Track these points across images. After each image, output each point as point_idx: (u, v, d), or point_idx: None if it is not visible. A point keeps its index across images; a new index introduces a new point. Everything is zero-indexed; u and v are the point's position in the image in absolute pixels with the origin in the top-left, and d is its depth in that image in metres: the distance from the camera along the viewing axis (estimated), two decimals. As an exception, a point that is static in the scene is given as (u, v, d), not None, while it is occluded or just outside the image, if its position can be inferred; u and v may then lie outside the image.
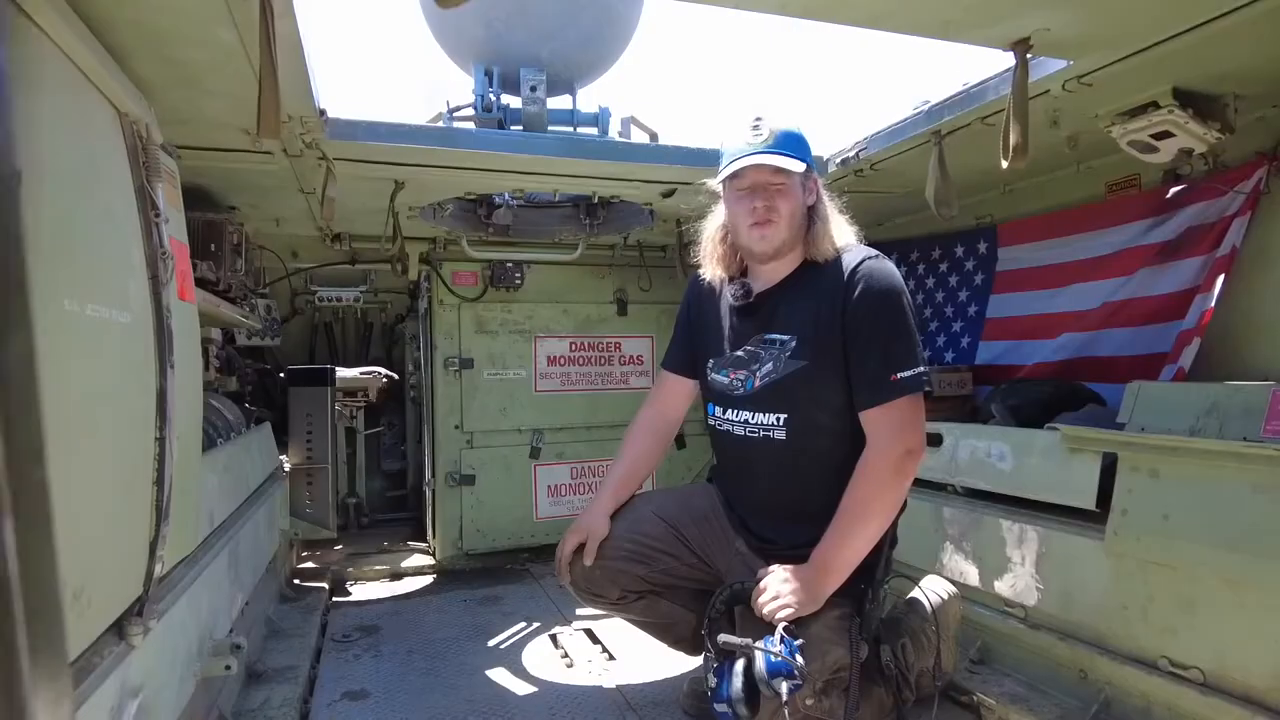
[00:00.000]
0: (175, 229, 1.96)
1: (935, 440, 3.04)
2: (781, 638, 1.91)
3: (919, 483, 3.08)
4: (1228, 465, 2.05)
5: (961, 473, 2.91)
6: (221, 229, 3.02)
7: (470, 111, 3.26)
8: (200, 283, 2.74)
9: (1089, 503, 2.41)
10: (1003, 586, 2.69)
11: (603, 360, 4.66)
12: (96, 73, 1.48)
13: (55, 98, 1.34)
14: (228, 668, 2.13)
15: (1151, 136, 2.32)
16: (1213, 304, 2.51)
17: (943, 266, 3.73)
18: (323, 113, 2.38)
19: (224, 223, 3.03)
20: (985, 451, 2.81)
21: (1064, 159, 2.93)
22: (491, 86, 3.22)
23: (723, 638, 1.93)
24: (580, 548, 2.36)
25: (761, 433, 2.21)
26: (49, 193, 1.25)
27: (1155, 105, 2.25)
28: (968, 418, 3.31)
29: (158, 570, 1.71)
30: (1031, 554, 2.59)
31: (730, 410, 2.27)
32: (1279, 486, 1.93)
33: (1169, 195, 2.69)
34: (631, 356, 4.69)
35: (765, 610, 1.99)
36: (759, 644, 1.91)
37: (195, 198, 3.17)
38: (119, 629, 1.58)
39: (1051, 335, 3.14)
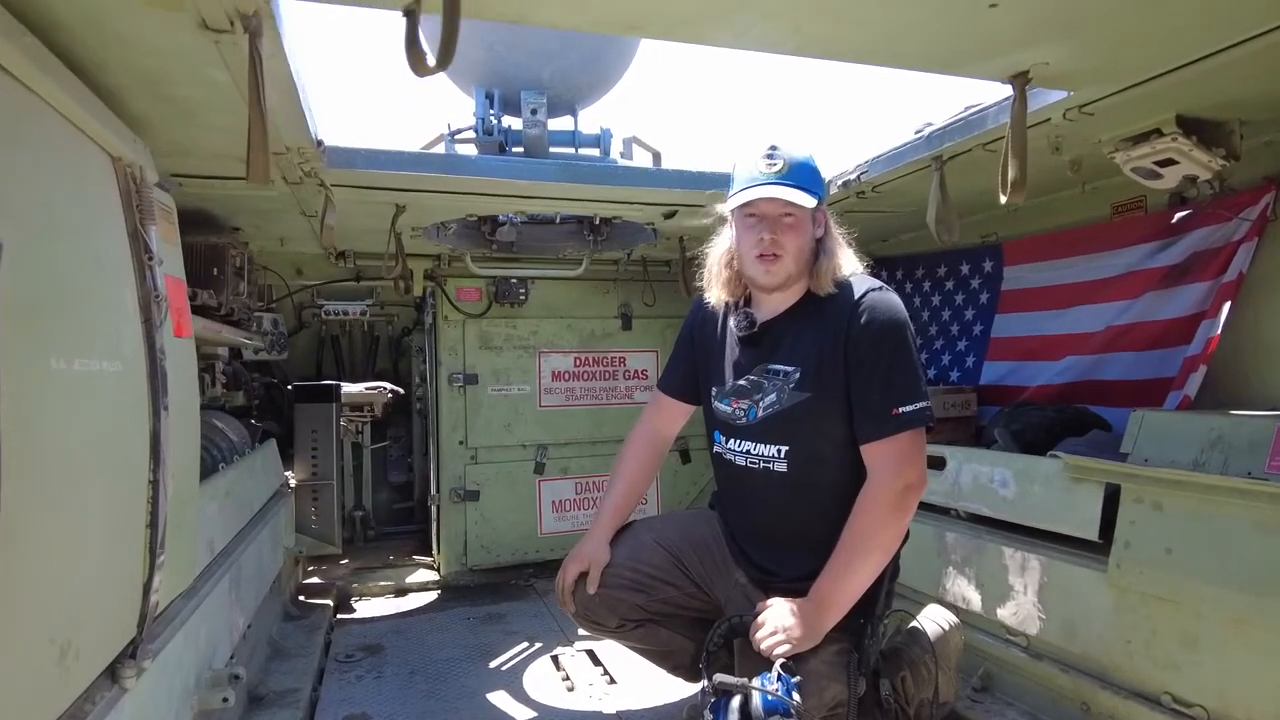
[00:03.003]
0: (171, 266, 1.97)
1: (938, 464, 3.02)
2: (778, 675, 1.89)
3: (922, 506, 3.06)
4: (1232, 501, 2.02)
5: (964, 498, 2.89)
6: (224, 252, 3.04)
7: (472, 134, 3.26)
8: (201, 309, 2.76)
9: (1091, 533, 2.39)
10: (1005, 614, 2.66)
11: (607, 375, 4.65)
12: (85, 120, 1.48)
13: (43, 150, 1.35)
14: (225, 700, 2.14)
15: (1155, 163, 2.28)
16: (1219, 331, 2.47)
17: (949, 284, 3.71)
18: (320, 143, 2.38)
19: (226, 246, 3.05)
20: (988, 477, 2.78)
21: (1069, 180, 2.89)
22: (492, 109, 3.22)
23: (718, 677, 1.92)
24: (583, 576, 2.35)
25: (763, 464, 2.19)
26: (39, 251, 1.26)
27: (1159, 133, 2.21)
28: (972, 439, 3.29)
29: (152, 611, 1.72)
30: (1034, 583, 2.56)
31: (733, 440, 2.25)
32: (1283, 525, 1.91)
33: (1175, 219, 2.65)
34: (636, 371, 4.69)
35: (763, 646, 1.98)
36: (755, 683, 1.90)
37: (198, 221, 3.20)
38: (112, 673, 1.59)
39: (1056, 357, 3.11)
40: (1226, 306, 2.47)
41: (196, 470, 2.13)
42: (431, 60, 1.08)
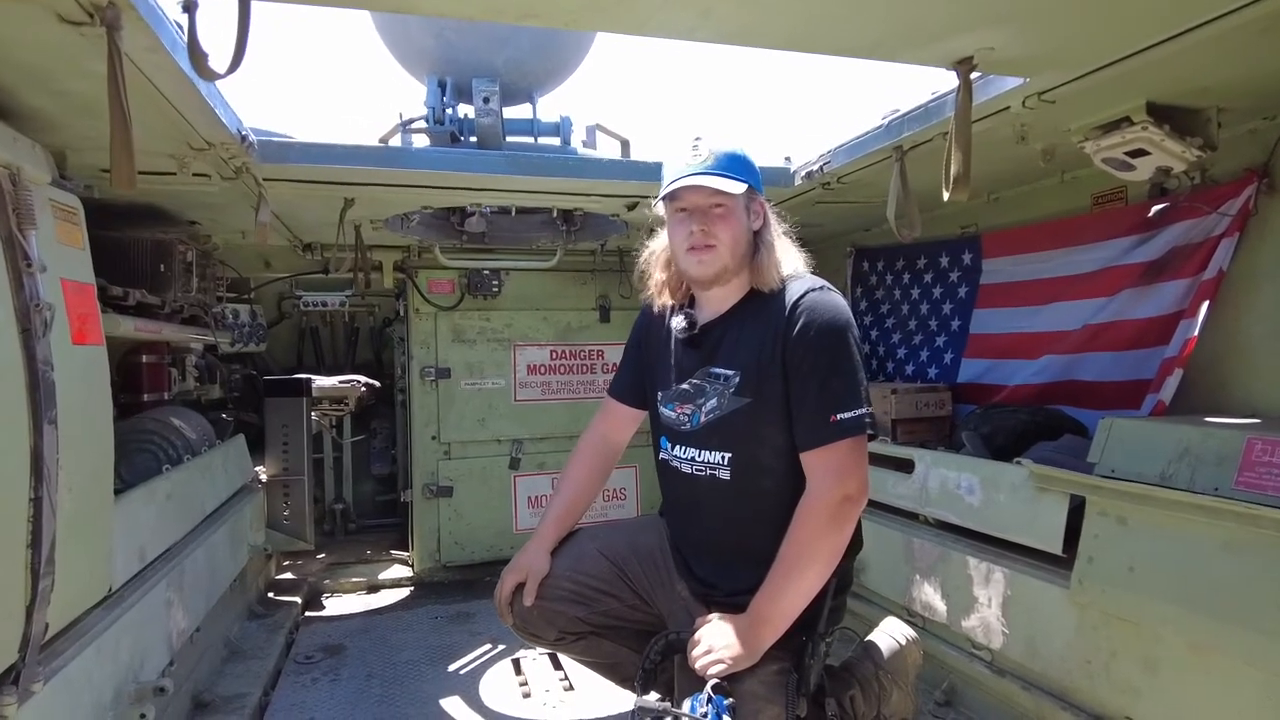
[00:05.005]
0: (72, 269, 1.89)
1: (907, 466, 2.90)
2: (709, 697, 1.80)
3: (890, 510, 2.96)
4: (1197, 519, 1.89)
5: (932, 503, 2.77)
6: (170, 248, 2.95)
7: (425, 123, 3.14)
8: (139, 309, 2.68)
9: (1055, 546, 2.27)
10: (970, 627, 2.55)
11: (585, 369, 4.55)
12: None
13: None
14: (143, 716, 2.07)
15: (1126, 154, 2.13)
16: (1196, 332, 2.32)
17: (928, 276, 3.56)
18: (244, 137, 2.28)
19: (173, 242, 2.96)
20: (955, 483, 2.66)
21: (1046, 169, 2.74)
22: (445, 97, 3.10)
23: (638, 702, 1.83)
24: (520, 587, 2.27)
25: (708, 471, 2.09)
26: None
27: (1128, 121, 2.06)
28: (946, 439, 3.16)
29: (40, 633, 1.65)
30: (998, 595, 2.44)
31: (678, 446, 2.16)
32: (1249, 546, 1.78)
33: (1152, 212, 2.49)
34: (615, 364, 4.55)
35: (697, 665, 1.88)
36: (684, 707, 1.81)
37: (148, 216, 3.12)
38: (-11, 701, 1.52)
39: (1034, 356, 2.96)
40: (1205, 306, 2.32)
41: (109, 479, 2.05)
42: (220, 65, 0.97)
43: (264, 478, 4.12)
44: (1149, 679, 1.98)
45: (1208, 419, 2.12)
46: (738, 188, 1.92)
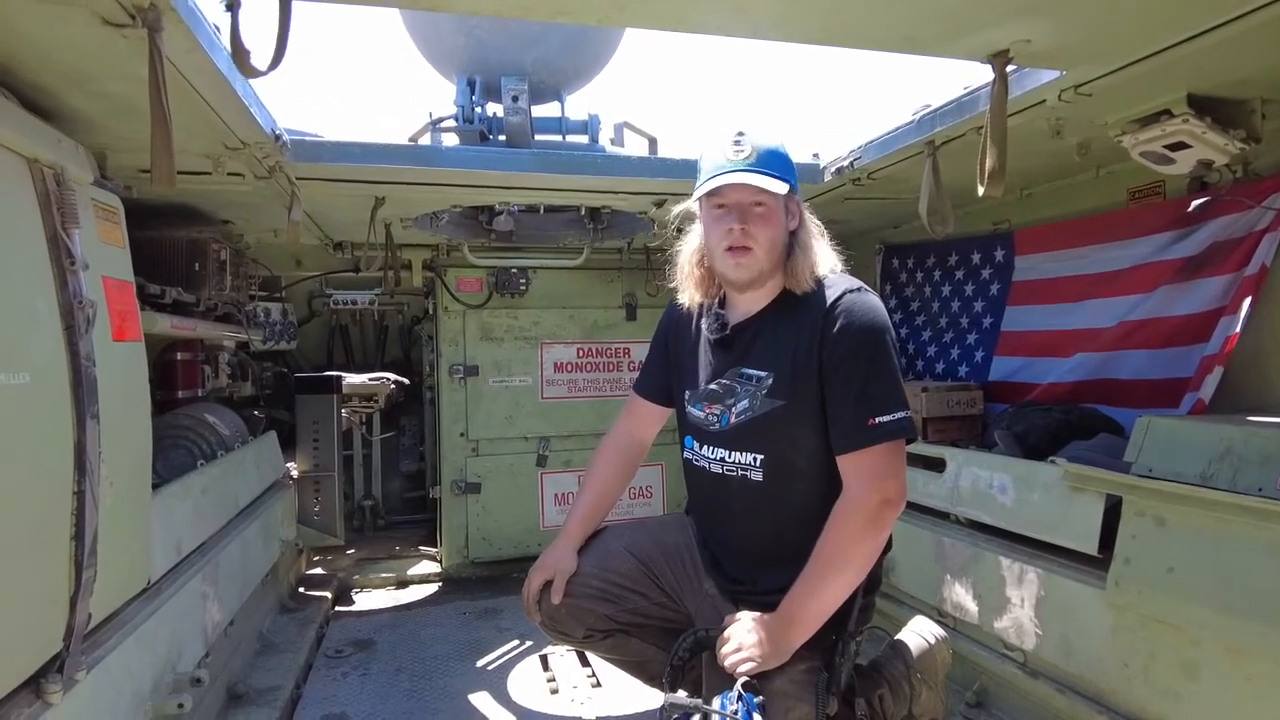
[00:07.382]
0: (113, 267, 1.93)
1: (938, 466, 2.87)
2: (739, 695, 1.79)
3: (921, 510, 2.93)
4: (1240, 520, 1.85)
5: (963, 503, 2.73)
6: (205, 247, 3.01)
7: (454, 122, 3.17)
8: (175, 306, 2.73)
9: (1091, 547, 2.23)
10: (1002, 628, 2.51)
11: (611, 366, 4.56)
12: (-13, 125, 1.43)
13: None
14: (180, 706, 2.11)
15: (1165, 147, 2.09)
16: (1238, 328, 2.27)
17: (959, 274, 3.51)
18: (278, 137, 2.31)
19: (207, 241, 3.01)
20: (987, 482, 2.62)
21: (1081, 164, 2.69)
22: (474, 96, 3.12)
23: (668, 699, 1.83)
24: (548, 585, 2.27)
25: (739, 471, 2.07)
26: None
27: (1168, 114, 2.02)
28: (978, 438, 3.12)
29: (84, 623, 1.68)
30: (1031, 596, 2.41)
31: (706, 446, 2.15)
32: (1294, 549, 1.73)
33: (1192, 207, 2.43)
34: (640, 362, 4.56)
35: (727, 663, 1.88)
36: (714, 704, 1.80)
37: (183, 215, 3.18)
38: (36, 688, 1.56)
39: (1067, 354, 2.92)
40: (1247, 302, 2.26)
41: (147, 475, 2.09)
42: (261, 62, 0.98)
43: (295, 474, 4.18)
44: (1188, 683, 1.94)
45: (1250, 418, 2.07)
46: (781, 188, 1.89)
